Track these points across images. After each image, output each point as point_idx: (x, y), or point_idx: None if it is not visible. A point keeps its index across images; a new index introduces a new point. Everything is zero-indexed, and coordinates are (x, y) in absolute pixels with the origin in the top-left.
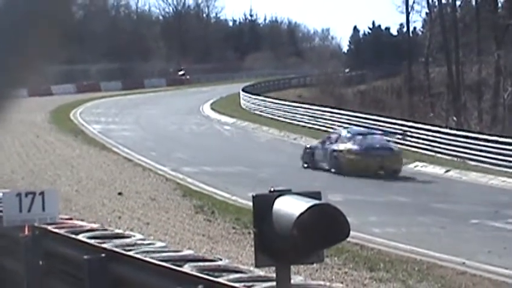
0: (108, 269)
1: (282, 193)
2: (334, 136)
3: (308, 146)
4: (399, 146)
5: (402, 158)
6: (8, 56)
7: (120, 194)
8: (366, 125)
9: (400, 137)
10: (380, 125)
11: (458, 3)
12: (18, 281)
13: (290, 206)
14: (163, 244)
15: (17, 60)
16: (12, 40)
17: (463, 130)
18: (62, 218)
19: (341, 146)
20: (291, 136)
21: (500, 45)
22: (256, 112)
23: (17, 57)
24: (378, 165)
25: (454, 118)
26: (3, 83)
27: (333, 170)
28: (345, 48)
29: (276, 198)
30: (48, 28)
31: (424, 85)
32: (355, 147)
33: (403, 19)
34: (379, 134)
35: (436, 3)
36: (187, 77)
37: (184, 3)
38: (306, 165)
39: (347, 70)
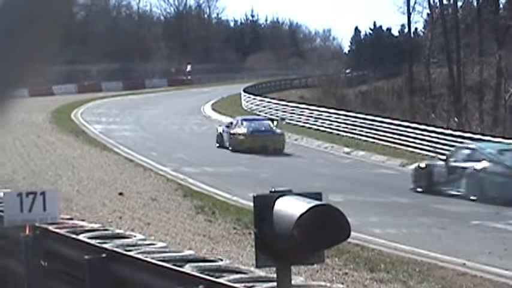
0: (108, 269)
1: (282, 194)
2: (234, 122)
3: (219, 130)
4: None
5: (284, 139)
6: (7, 56)
7: (121, 194)
8: (368, 126)
9: (276, 123)
10: (382, 126)
11: (459, 4)
12: (19, 281)
13: (291, 207)
14: (164, 244)
15: (17, 60)
16: (11, 40)
17: (464, 131)
18: (62, 218)
19: (236, 130)
20: (292, 137)
21: (502, 46)
22: (257, 113)
23: (16, 57)
24: (261, 145)
25: (455, 119)
26: (2, 83)
27: (230, 148)
28: (346, 49)
29: (276, 199)
30: (48, 28)
31: (425, 86)
32: (244, 130)
33: (404, 20)
34: (265, 120)
35: (438, 4)
36: (189, 77)
37: (185, 4)
38: (218, 146)
39: (348, 70)
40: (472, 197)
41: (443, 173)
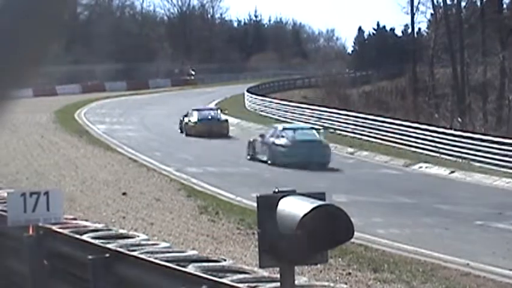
0: (112, 269)
1: (286, 194)
2: (189, 113)
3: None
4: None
5: (228, 125)
6: (7, 56)
7: (124, 194)
8: (371, 126)
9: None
10: (385, 126)
11: (463, 4)
12: (22, 281)
13: (294, 207)
14: (167, 244)
15: (16, 60)
16: (11, 40)
17: (468, 131)
18: (66, 218)
19: (189, 119)
20: None
21: (505, 46)
22: (261, 113)
23: (16, 57)
24: (208, 130)
25: (459, 119)
26: (2, 83)
27: (183, 133)
28: (350, 49)
29: (280, 199)
30: (47, 27)
31: (429, 86)
32: (194, 118)
33: (408, 20)
34: (213, 109)
35: (441, 4)
36: (192, 77)
37: (189, 4)
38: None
39: (347, 70)
40: (269, 162)
41: (259, 146)
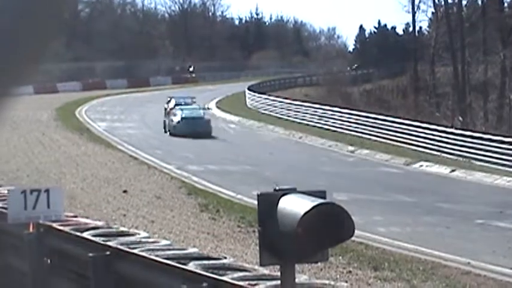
0: (112, 267)
1: (286, 192)
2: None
3: None
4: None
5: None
6: (6, 54)
7: (125, 192)
8: (372, 124)
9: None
10: (386, 125)
11: (464, 2)
12: (23, 278)
13: (295, 205)
14: (168, 242)
15: (16, 58)
16: (10, 38)
17: (469, 130)
18: (66, 216)
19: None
20: (297, 135)
21: (506, 45)
22: (261, 111)
23: (15, 55)
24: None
25: (460, 118)
26: (2, 81)
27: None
28: (351, 48)
29: (281, 197)
30: (46, 25)
31: (430, 85)
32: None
33: (409, 18)
34: (193, 98)
35: (442, 3)
36: (193, 75)
37: (190, 2)
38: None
39: (355, 66)
40: (168, 134)
41: (169, 122)
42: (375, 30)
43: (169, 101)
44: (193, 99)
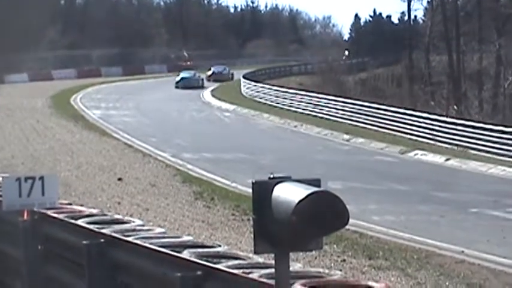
0: (107, 255)
1: (281, 180)
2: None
3: None
4: None
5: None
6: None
7: (119, 179)
8: (367, 113)
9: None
10: (381, 113)
11: None
12: (17, 265)
13: (289, 193)
14: (162, 230)
15: (7, 44)
16: (2, 24)
17: (464, 119)
18: (61, 203)
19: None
20: (292, 123)
21: (502, 34)
22: (256, 99)
23: (7, 41)
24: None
25: (455, 107)
26: None
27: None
28: (346, 36)
29: (275, 185)
30: (37, 12)
31: (425, 74)
32: (210, 72)
33: (404, 7)
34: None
35: None
36: (189, 63)
37: None
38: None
39: (345, 55)
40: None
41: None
42: (370, 19)
43: (210, 69)
44: (224, 69)
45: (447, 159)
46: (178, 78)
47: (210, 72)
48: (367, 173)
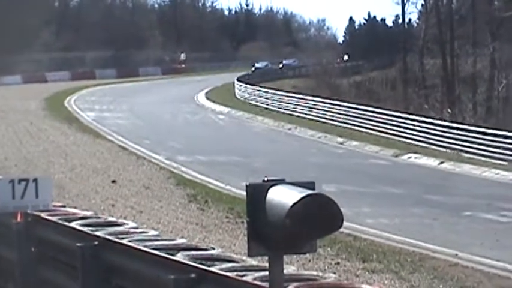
0: (100, 257)
1: (275, 183)
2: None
3: None
4: None
5: None
6: None
7: (113, 182)
8: (361, 116)
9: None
10: (375, 116)
11: None
12: (11, 267)
13: (283, 196)
14: (156, 233)
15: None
16: None
17: (457, 122)
18: (54, 206)
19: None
20: (286, 126)
21: (496, 37)
22: (251, 102)
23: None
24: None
25: (449, 110)
26: None
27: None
28: (341, 39)
29: (269, 188)
30: (30, 12)
31: (419, 77)
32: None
33: (398, 10)
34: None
35: None
36: (183, 65)
37: None
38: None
39: (340, 59)
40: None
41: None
42: (365, 22)
43: (254, 64)
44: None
45: (441, 163)
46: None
47: (281, 65)
48: (361, 176)
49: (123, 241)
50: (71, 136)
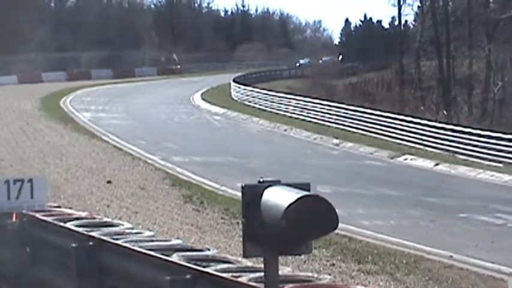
0: (96, 258)
1: (271, 184)
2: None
3: None
4: None
5: None
6: None
7: (109, 182)
8: (357, 117)
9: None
10: (371, 118)
11: None
12: (5, 268)
13: (279, 197)
14: (151, 233)
15: None
16: None
17: (453, 124)
18: (50, 206)
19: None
20: (281, 127)
21: (491, 39)
22: (246, 103)
23: None
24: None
25: (444, 112)
26: None
27: None
28: (337, 41)
29: (265, 189)
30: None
31: (415, 78)
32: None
33: (395, 12)
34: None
35: None
36: (179, 66)
37: None
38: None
39: (340, 58)
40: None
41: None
42: (361, 24)
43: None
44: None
45: (436, 164)
46: (297, 64)
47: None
48: (357, 177)
49: (119, 242)
50: (66, 136)
